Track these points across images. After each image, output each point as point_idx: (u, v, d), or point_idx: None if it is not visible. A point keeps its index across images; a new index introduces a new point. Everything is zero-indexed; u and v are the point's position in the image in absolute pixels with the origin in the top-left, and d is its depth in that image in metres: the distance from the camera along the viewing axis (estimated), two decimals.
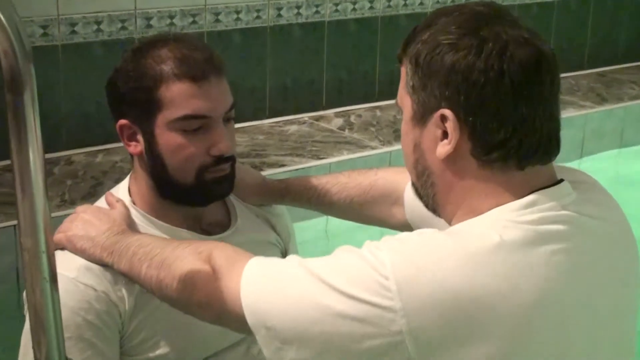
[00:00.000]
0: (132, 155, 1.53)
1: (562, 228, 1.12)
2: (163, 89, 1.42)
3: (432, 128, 1.16)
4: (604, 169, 3.98)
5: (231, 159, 1.49)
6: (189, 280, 1.25)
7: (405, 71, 1.19)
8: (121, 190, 1.56)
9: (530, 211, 1.12)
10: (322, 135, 3.65)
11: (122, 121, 1.48)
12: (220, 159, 1.46)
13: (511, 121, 1.12)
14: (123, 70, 1.47)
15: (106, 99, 1.51)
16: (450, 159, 1.15)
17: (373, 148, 3.50)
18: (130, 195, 1.53)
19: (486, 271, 1.06)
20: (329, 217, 3.10)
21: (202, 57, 1.45)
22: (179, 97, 1.42)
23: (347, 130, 3.72)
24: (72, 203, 2.87)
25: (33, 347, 1.04)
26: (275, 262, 1.20)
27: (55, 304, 1.04)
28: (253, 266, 1.18)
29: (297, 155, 3.39)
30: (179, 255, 1.29)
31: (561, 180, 1.18)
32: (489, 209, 1.14)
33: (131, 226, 1.46)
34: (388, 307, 1.05)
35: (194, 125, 1.44)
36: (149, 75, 1.43)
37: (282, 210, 1.71)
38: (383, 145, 3.54)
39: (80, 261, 1.43)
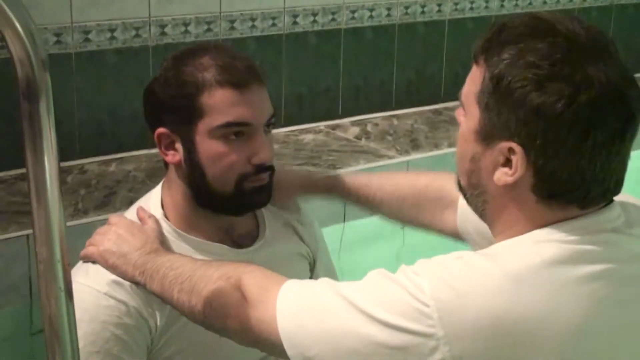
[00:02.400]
0: (166, 165, 1.52)
1: (603, 249, 1.08)
2: (205, 96, 1.43)
3: (496, 152, 1.11)
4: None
5: (271, 169, 1.49)
6: (221, 309, 1.25)
7: (481, 77, 1.11)
8: (152, 202, 1.55)
9: (571, 227, 1.08)
10: (339, 144, 3.62)
11: (161, 129, 1.48)
12: (261, 168, 1.47)
13: (583, 174, 1.07)
14: (163, 77, 1.47)
15: (143, 107, 1.50)
16: (508, 187, 1.11)
17: (390, 157, 3.45)
18: (162, 207, 1.53)
19: (527, 294, 1.03)
20: (345, 225, 3.09)
21: (243, 65, 1.46)
22: (221, 104, 1.43)
23: (363, 139, 3.68)
24: (86, 212, 2.85)
25: (47, 358, 1.03)
26: (308, 288, 1.18)
27: (70, 314, 1.03)
28: (287, 294, 1.17)
29: (313, 165, 3.36)
30: (208, 280, 1.28)
31: (611, 202, 1.13)
32: None
33: (163, 243, 1.46)
34: (430, 334, 1.03)
35: (236, 133, 1.44)
36: (190, 82, 1.44)
37: (311, 219, 1.70)
38: (400, 154, 3.49)
39: (111, 275, 1.43)
